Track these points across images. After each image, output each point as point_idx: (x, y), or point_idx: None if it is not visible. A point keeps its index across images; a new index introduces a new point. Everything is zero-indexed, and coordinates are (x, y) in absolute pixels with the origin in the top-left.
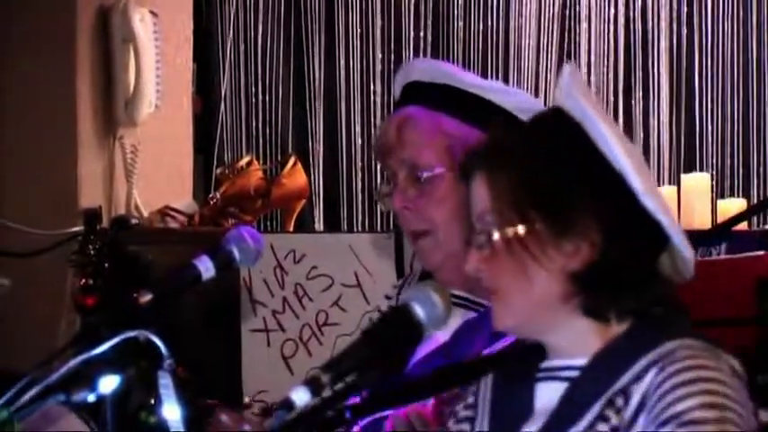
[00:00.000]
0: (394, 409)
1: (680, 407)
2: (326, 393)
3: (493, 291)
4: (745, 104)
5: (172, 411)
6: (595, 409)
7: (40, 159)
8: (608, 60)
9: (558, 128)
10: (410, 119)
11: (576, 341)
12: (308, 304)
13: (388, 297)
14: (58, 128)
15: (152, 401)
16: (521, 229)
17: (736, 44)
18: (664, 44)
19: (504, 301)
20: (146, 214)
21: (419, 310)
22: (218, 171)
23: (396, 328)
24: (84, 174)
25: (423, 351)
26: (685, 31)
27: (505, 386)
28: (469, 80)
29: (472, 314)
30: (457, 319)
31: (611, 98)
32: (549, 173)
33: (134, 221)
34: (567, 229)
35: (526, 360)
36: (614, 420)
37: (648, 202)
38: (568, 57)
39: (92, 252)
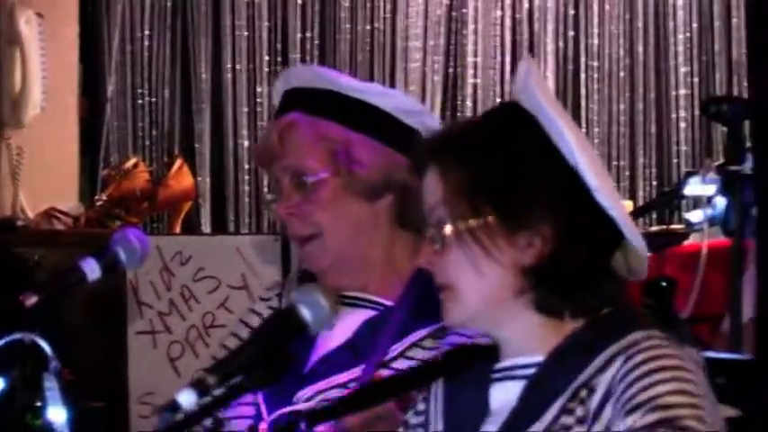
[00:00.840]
0: (349, 415)
1: (651, 392)
2: (214, 395)
3: (444, 286)
4: (631, 106)
5: (57, 414)
6: (559, 404)
7: None
8: (494, 62)
9: (513, 121)
10: (292, 125)
11: (530, 338)
12: (194, 306)
13: (262, 299)
14: None
15: (38, 404)
16: (473, 223)
17: (622, 46)
18: (550, 46)
19: (455, 295)
20: (31, 216)
21: (305, 312)
22: (105, 173)
23: (282, 330)
24: None
25: (324, 349)
26: (572, 33)
27: (458, 390)
28: (349, 84)
29: (371, 312)
30: (356, 317)
31: (498, 100)
32: (502, 166)
33: (20, 223)
34: (519, 223)
35: (479, 362)
36: (579, 412)
37: (602, 198)
38: (454, 58)
39: None
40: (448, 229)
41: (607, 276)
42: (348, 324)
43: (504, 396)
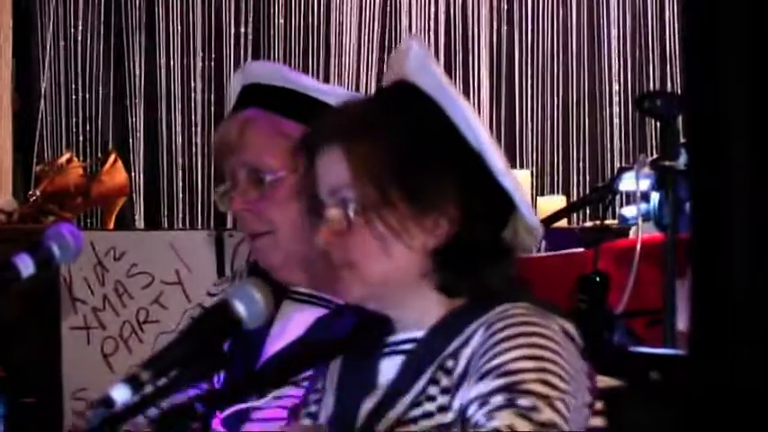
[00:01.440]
0: (247, 398)
1: (500, 359)
2: (147, 390)
3: (346, 263)
4: (564, 102)
5: None
6: (427, 375)
7: None
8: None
9: (414, 103)
10: (251, 121)
11: (422, 315)
12: (128, 302)
13: (210, 294)
14: None
15: None
16: (381, 205)
17: (556, 42)
18: (484, 41)
19: (358, 273)
20: None
21: (239, 307)
22: (38, 168)
23: (216, 324)
24: None
25: (275, 347)
26: (506, 28)
27: (352, 364)
28: (307, 83)
29: (322, 311)
30: (307, 315)
31: None
32: (409, 148)
33: None
34: (427, 205)
35: (371, 337)
36: (445, 382)
37: (506, 182)
38: (389, 53)
39: None
40: (354, 210)
41: (506, 254)
42: (300, 321)
43: (390, 370)
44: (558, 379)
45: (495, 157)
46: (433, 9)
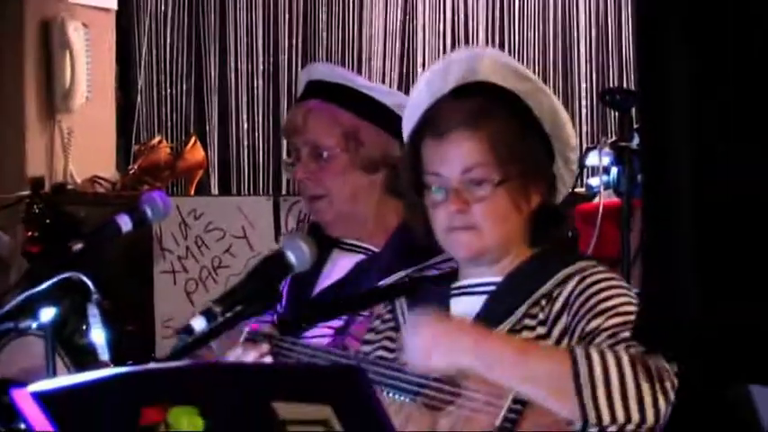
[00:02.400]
0: (328, 320)
1: (610, 303)
2: (219, 320)
3: (470, 226)
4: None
5: (99, 336)
6: (523, 309)
7: None
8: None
9: (506, 100)
10: (314, 109)
11: (504, 264)
12: (205, 252)
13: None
14: (10, 114)
15: (83, 327)
16: (505, 182)
17: (537, 48)
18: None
19: (478, 234)
20: (79, 181)
21: (290, 255)
22: (136, 148)
23: (272, 269)
24: (30, 150)
25: (323, 285)
26: (498, 39)
27: (420, 304)
28: (360, 82)
29: (362, 257)
30: (349, 260)
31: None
32: (519, 136)
33: (69, 187)
34: (531, 180)
35: (438, 284)
36: (541, 316)
37: (574, 154)
38: (408, 60)
39: (36, 211)
40: (490, 185)
41: (566, 217)
42: (345, 264)
43: (462, 308)
44: None
45: (572, 135)
46: (441, 26)
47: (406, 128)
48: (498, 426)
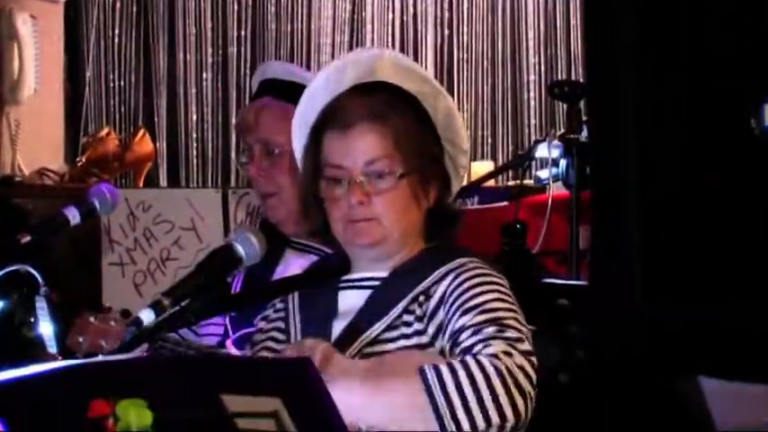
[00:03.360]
0: (225, 313)
1: (478, 300)
2: (167, 312)
3: (369, 218)
4: (492, 89)
5: (47, 328)
6: (402, 305)
7: None
8: None
9: (403, 99)
10: (266, 107)
11: (388, 258)
12: (153, 243)
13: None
14: None
15: (31, 320)
16: (407, 175)
17: (486, 42)
18: (430, 41)
19: (378, 225)
20: (27, 173)
21: (240, 248)
22: (84, 140)
23: (221, 261)
24: None
25: None
26: (447, 32)
27: (311, 295)
28: (310, 77)
29: (314, 257)
30: (303, 261)
31: None
32: (420, 132)
33: (17, 179)
34: (430, 176)
35: (328, 275)
36: (418, 312)
37: (465, 158)
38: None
39: None
40: (393, 178)
41: (458, 216)
42: (297, 265)
43: (349, 301)
44: (521, 317)
45: (465, 140)
46: (390, 16)
47: (305, 119)
48: None
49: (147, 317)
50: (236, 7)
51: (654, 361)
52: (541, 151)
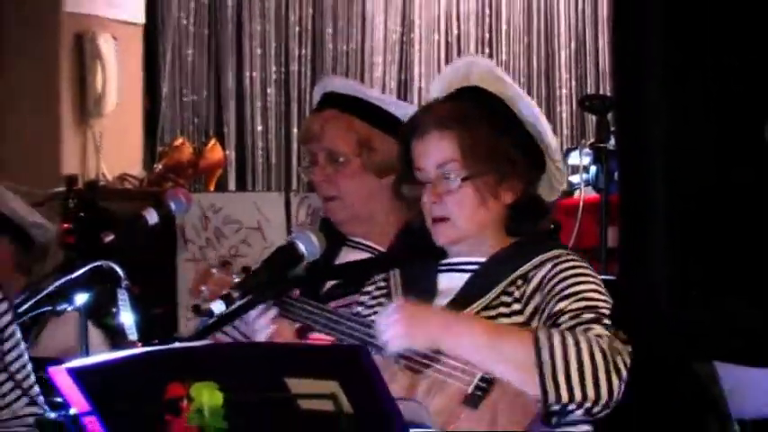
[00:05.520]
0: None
1: (576, 288)
2: (236, 305)
3: (442, 218)
4: None
5: (127, 318)
6: (500, 287)
7: (33, 139)
8: (432, 72)
9: (488, 101)
10: (330, 118)
11: (487, 247)
12: (223, 242)
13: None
14: (48, 117)
15: (114, 310)
16: (479, 175)
17: (523, 59)
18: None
19: (451, 224)
20: (110, 179)
21: (301, 246)
22: (160, 149)
23: (284, 258)
24: (65, 150)
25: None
26: (487, 50)
27: (412, 275)
28: (372, 94)
29: (368, 255)
30: (357, 257)
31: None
32: (494, 134)
33: (102, 184)
34: (507, 173)
35: (428, 257)
36: (516, 294)
37: (555, 154)
38: (406, 69)
39: (71, 205)
40: (458, 180)
41: (547, 209)
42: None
43: (449, 283)
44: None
45: (551, 139)
46: (435, 37)
47: None
48: (470, 393)
49: (219, 308)
50: (297, 29)
51: (677, 355)
52: (573, 159)
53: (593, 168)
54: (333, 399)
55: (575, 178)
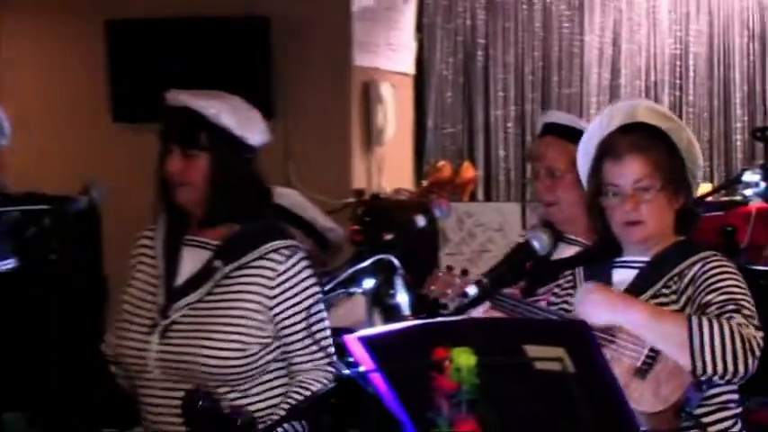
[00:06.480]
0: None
1: (722, 284)
2: (486, 288)
3: (636, 222)
4: (710, 133)
5: (403, 298)
6: (661, 283)
7: (330, 163)
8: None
9: (657, 133)
10: (550, 143)
11: (654, 246)
12: (474, 240)
13: (521, 236)
14: (341, 146)
15: (392, 293)
16: (663, 188)
17: (705, 99)
18: (666, 101)
19: (643, 226)
20: (388, 192)
21: (535, 243)
22: (426, 168)
23: (522, 253)
24: (355, 170)
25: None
26: (678, 93)
27: (592, 271)
28: (582, 124)
29: (578, 248)
30: (571, 251)
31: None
32: (670, 158)
33: (382, 196)
34: (680, 187)
35: (606, 256)
36: (674, 287)
37: (700, 174)
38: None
39: (359, 212)
40: (654, 191)
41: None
42: (567, 253)
43: (620, 277)
44: (751, 301)
45: (700, 158)
46: (637, 84)
47: (583, 153)
48: (638, 366)
49: (472, 291)
50: (530, 78)
51: None
52: (747, 176)
53: (762, 184)
54: (560, 361)
55: (748, 191)
